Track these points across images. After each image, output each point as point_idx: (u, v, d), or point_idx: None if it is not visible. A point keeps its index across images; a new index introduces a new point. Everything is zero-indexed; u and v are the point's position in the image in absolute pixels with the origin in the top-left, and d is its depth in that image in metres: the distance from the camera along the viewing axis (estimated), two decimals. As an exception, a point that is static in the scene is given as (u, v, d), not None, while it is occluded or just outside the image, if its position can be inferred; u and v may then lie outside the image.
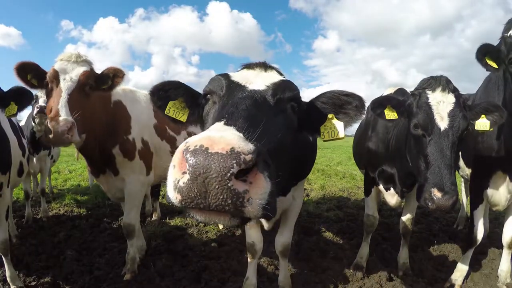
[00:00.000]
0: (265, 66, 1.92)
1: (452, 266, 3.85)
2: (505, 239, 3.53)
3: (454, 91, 2.61)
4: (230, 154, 0.95)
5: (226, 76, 1.76)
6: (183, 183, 0.98)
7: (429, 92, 2.63)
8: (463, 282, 3.68)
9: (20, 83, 3.00)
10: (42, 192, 6.15)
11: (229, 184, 0.94)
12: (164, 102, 2.01)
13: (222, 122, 1.26)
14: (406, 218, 3.88)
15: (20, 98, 2.95)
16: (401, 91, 3.73)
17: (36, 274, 3.81)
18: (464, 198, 5.86)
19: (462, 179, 5.87)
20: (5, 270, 3.49)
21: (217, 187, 0.94)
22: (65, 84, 2.85)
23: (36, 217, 6.03)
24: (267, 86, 1.69)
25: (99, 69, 3.21)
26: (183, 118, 2.04)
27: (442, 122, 2.50)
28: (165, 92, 1.99)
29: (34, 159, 5.74)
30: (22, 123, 5.65)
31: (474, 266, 4.02)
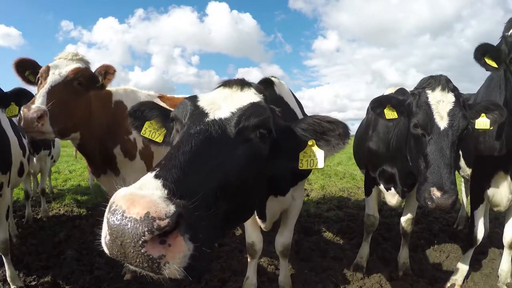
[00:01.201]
0: (242, 84, 1.76)
1: (452, 266, 3.85)
2: (505, 239, 3.52)
3: (454, 90, 2.61)
4: (143, 220, 0.93)
5: (193, 101, 1.64)
6: (107, 241, 1.00)
7: (428, 92, 2.63)
8: (463, 282, 3.68)
9: (18, 79, 3.04)
10: (42, 192, 6.16)
11: (142, 251, 0.94)
12: (140, 122, 2.00)
13: (153, 174, 1.19)
14: (406, 218, 3.88)
15: (21, 99, 2.94)
16: (401, 91, 3.73)
17: (36, 274, 3.81)
18: (464, 198, 5.86)
19: (463, 179, 5.87)
20: (5, 270, 3.49)
21: (132, 251, 0.94)
22: (52, 77, 2.84)
23: (36, 217, 6.04)
24: (233, 112, 1.54)
25: (90, 69, 3.21)
26: (159, 138, 2.01)
27: (442, 121, 2.50)
28: (141, 113, 1.99)
29: (34, 159, 5.74)
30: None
31: (475, 266, 4.02)
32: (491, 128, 2.70)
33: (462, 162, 3.95)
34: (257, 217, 2.86)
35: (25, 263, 4.06)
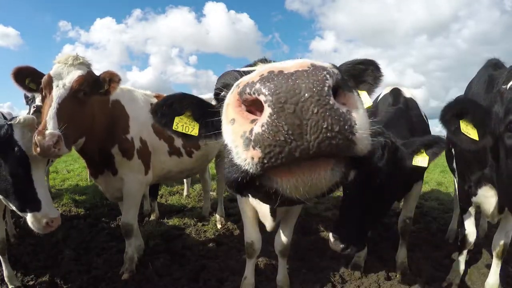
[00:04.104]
0: (266, 61, 1.65)
1: (450, 265, 3.85)
2: (494, 249, 3.30)
3: None
4: (315, 67, 0.70)
5: (235, 70, 1.53)
6: (263, 126, 0.69)
7: None
8: (461, 281, 3.68)
9: (19, 88, 3.03)
10: (40, 191, 6.12)
11: (331, 102, 0.68)
12: (169, 118, 1.73)
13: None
14: (404, 217, 3.89)
15: None
16: (395, 92, 3.70)
17: (34, 273, 3.80)
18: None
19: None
20: (2, 270, 3.49)
21: (316, 110, 0.67)
22: (57, 92, 2.80)
23: (34, 217, 6.00)
24: (312, 64, 1.43)
25: (97, 69, 3.21)
26: (194, 132, 1.75)
27: None
28: (168, 108, 1.73)
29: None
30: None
31: (472, 265, 4.04)
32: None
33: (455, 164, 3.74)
34: (264, 216, 2.86)
35: (23, 263, 4.05)
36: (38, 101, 4.84)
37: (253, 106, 0.74)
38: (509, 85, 2.25)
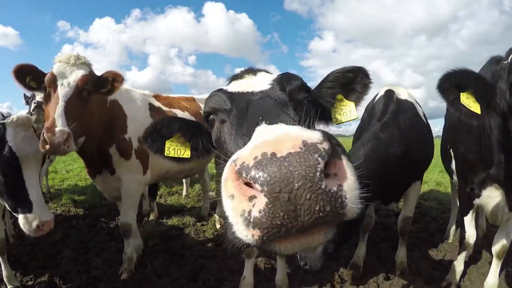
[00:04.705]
0: (252, 71, 1.72)
1: (449, 265, 3.85)
2: (494, 249, 3.27)
3: None
4: (306, 149, 0.74)
5: (222, 91, 1.55)
6: (260, 212, 0.74)
7: None
8: (460, 281, 3.68)
9: (19, 86, 3.01)
10: (39, 191, 6.12)
11: (323, 186, 0.73)
12: (160, 144, 1.78)
13: (263, 124, 1.01)
14: (404, 217, 3.89)
15: None
16: (388, 95, 3.67)
17: (33, 273, 3.80)
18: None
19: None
20: (1, 270, 3.48)
21: (309, 196, 0.72)
22: (63, 90, 2.81)
23: (33, 217, 6.00)
24: (271, 84, 1.49)
25: (97, 69, 3.21)
26: (186, 154, 1.80)
27: None
28: (158, 133, 1.76)
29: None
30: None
31: (471, 264, 4.04)
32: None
33: (453, 165, 3.65)
34: None
35: (22, 262, 4.05)
36: (38, 98, 4.84)
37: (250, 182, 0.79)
38: (509, 59, 2.22)
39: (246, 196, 0.77)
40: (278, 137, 0.79)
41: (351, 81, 1.77)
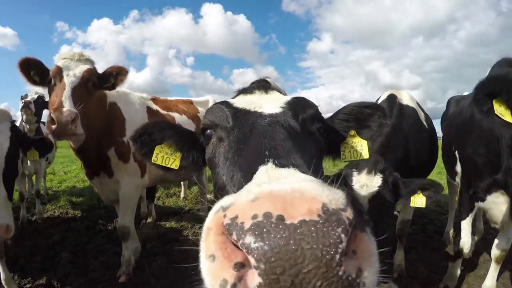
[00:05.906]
0: (264, 88, 1.54)
1: (447, 267, 3.87)
2: (494, 253, 3.26)
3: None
4: (327, 218, 0.56)
5: (227, 104, 1.38)
6: None
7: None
8: (457, 284, 3.69)
9: (23, 78, 3.03)
10: (37, 193, 6.12)
11: (340, 273, 0.54)
12: (149, 148, 1.64)
13: (269, 164, 0.87)
14: (402, 220, 3.89)
15: (42, 146, 3.19)
16: (390, 100, 3.62)
17: (31, 276, 3.80)
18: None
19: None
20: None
21: (319, 284, 0.53)
22: (69, 79, 2.86)
23: (31, 219, 6.00)
24: (283, 107, 1.32)
25: (97, 69, 3.23)
26: (174, 164, 1.65)
27: None
28: (149, 136, 1.63)
29: (29, 161, 5.71)
30: (18, 123, 5.62)
31: (469, 267, 4.05)
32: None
33: (458, 167, 3.58)
34: None
35: (20, 265, 4.05)
36: (29, 98, 4.86)
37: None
38: None
39: (231, 261, 0.59)
40: (289, 193, 0.61)
41: (367, 117, 1.65)
